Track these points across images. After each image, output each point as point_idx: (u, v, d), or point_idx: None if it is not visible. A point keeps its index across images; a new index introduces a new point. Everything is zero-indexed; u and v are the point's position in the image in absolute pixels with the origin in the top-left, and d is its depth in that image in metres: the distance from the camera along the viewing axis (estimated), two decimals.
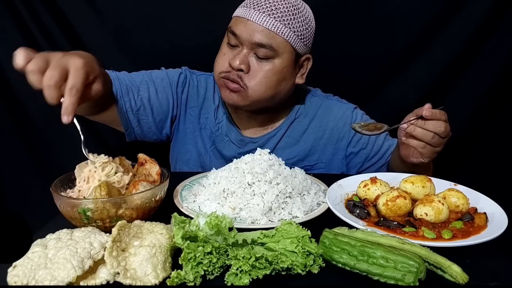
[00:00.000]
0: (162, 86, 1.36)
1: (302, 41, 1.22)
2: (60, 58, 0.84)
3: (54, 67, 0.82)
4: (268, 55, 1.19)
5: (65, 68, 0.83)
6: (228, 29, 1.24)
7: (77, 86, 0.83)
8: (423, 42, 1.76)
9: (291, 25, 1.18)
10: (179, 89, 1.39)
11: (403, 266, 0.67)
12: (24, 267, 0.67)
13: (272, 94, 1.24)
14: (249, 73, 1.20)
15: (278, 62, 1.20)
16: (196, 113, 1.42)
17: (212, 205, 0.95)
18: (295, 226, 0.79)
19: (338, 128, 1.39)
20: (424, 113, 1.03)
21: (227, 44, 1.25)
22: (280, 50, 1.19)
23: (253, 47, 1.19)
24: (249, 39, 1.17)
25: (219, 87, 1.29)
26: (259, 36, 1.17)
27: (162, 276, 0.69)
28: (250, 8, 1.18)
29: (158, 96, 1.34)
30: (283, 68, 1.22)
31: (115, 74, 1.28)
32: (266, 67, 1.20)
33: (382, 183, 1.01)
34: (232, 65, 1.19)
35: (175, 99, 1.38)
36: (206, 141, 1.42)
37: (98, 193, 0.83)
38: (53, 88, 0.81)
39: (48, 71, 0.81)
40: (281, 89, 1.26)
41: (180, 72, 1.41)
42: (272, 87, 1.22)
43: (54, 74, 0.81)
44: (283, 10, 1.17)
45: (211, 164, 1.37)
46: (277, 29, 1.16)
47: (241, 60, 1.18)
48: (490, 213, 0.91)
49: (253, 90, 1.21)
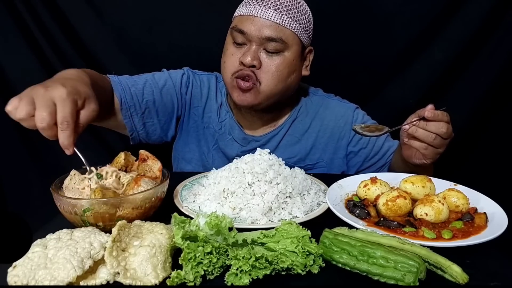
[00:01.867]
0: (166, 88, 1.36)
1: (307, 33, 1.26)
2: (43, 93, 0.81)
3: (41, 107, 0.79)
4: (278, 49, 1.21)
5: (51, 103, 0.80)
6: (233, 28, 1.25)
7: (66, 119, 0.81)
8: (423, 42, 1.76)
9: (296, 18, 1.21)
10: (183, 90, 1.40)
11: (403, 266, 0.67)
12: (24, 267, 0.67)
13: (283, 87, 1.27)
14: (261, 68, 1.22)
15: (288, 55, 1.23)
16: (199, 113, 1.42)
17: (212, 205, 0.95)
18: (295, 226, 0.79)
19: (339, 127, 1.40)
20: (426, 114, 1.03)
21: (232, 44, 1.25)
22: (290, 43, 1.22)
23: (262, 43, 1.21)
24: (259, 35, 1.19)
25: (231, 90, 1.28)
26: (268, 30, 1.19)
27: (162, 276, 0.69)
28: (255, 5, 1.20)
29: (163, 99, 1.35)
30: (292, 60, 1.25)
31: (117, 79, 1.28)
32: (277, 61, 1.22)
33: (382, 183, 1.01)
34: (244, 62, 1.21)
35: (179, 100, 1.39)
36: (209, 140, 1.42)
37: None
38: (47, 129, 0.80)
39: (37, 113, 0.79)
40: (291, 82, 1.28)
41: (182, 73, 1.41)
42: (283, 80, 1.25)
43: (43, 115, 0.79)
44: (287, 4, 1.20)
45: (214, 163, 1.38)
46: (284, 22, 1.19)
47: (253, 56, 1.20)
48: (490, 213, 0.92)
49: (266, 84, 1.23)
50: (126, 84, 1.28)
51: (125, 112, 1.27)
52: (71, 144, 0.82)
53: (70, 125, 0.81)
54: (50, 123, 0.80)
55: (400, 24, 1.74)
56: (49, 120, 0.80)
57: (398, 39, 1.77)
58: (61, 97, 0.81)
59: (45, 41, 1.70)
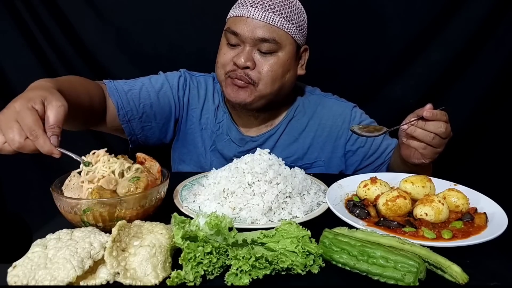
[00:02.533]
0: (162, 91, 1.36)
1: (301, 32, 1.27)
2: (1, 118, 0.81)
3: (7, 131, 0.80)
4: (271, 49, 1.21)
5: (13, 123, 0.80)
6: (226, 30, 1.25)
7: (31, 128, 0.79)
8: (423, 42, 1.76)
9: (289, 18, 1.21)
10: (180, 93, 1.40)
11: (403, 266, 0.67)
12: (24, 267, 0.67)
13: (279, 87, 1.27)
14: (255, 69, 1.23)
15: (282, 55, 1.23)
16: (197, 114, 1.42)
17: (212, 205, 0.95)
18: (295, 226, 0.79)
19: (336, 126, 1.40)
20: (425, 114, 1.03)
21: (226, 45, 1.26)
22: (283, 43, 1.22)
23: (256, 43, 1.21)
24: (252, 36, 1.20)
25: (224, 87, 1.29)
26: (261, 31, 1.19)
27: (162, 276, 0.69)
28: (248, 6, 1.20)
29: (160, 102, 1.35)
30: (287, 60, 1.25)
31: (113, 85, 1.28)
32: (271, 61, 1.23)
33: (382, 183, 1.01)
34: (238, 64, 1.21)
35: (177, 102, 1.39)
36: (206, 141, 1.42)
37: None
38: (24, 147, 0.80)
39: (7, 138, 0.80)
40: (286, 81, 1.29)
41: (179, 75, 1.41)
42: (278, 79, 1.25)
43: (11, 136, 0.79)
44: (279, 4, 1.20)
45: (212, 164, 1.38)
46: (277, 23, 1.19)
47: (246, 57, 1.21)
48: (490, 213, 0.91)
49: (261, 84, 1.24)
50: (122, 89, 1.28)
51: (123, 117, 1.28)
52: (53, 148, 0.81)
53: (40, 132, 0.80)
54: (22, 141, 0.80)
55: (400, 24, 1.74)
56: (19, 138, 0.80)
57: (398, 39, 1.77)
58: (16, 112, 0.80)
59: (45, 41, 1.71)
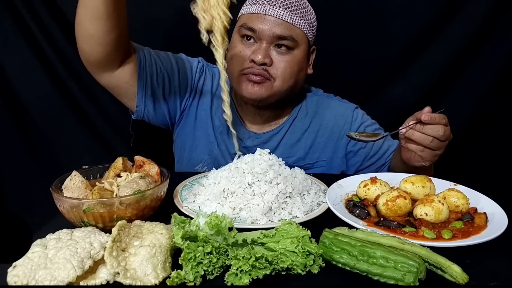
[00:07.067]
0: (184, 67, 1.38)
1: (313, 32, 1.30)
2: None
3: None
4: (289, 46, 1.24)
5: None
6: (242, 26, 1.26)
7: None
8: (423, 42, 1.76)
9: (304, 17, 1.25)
10: (196, 75, 1.41)
11: (403, 266, 0.67)
12: (24, 267, 0.67)
13: (293, 84, 1.30)
14: (272, 66, 1.24)
15: (297, 53, 1.26)
16: (208, 102, 1.43)
17: (212, 205, 0.95)
18: (295, 226, 0.79)
19: (338, 127, 1.40)
20: (423, 117, 1.03)
21: (240, 41, 1.27)
22: (299, 41, 1.25)
23: (273, 41, 1.23)
24: (270, 33, 1.22)
25: (238, 84, 1.29)
26: (279, 29, 1.22)
27: (162, 276, 0.69)
28: (266, 4, 1.23)
29: (180, 76, 1.36)
30: (301, 58, 1.28)
31: (140, 46, 1.29)
32: (287, 58, 1.25)
33: (382, 183, 1.01)
34: (255, 60, 1.22)
35: (192, 84, 1.40)
36: (216, 130, 1.42)
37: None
38: None
39: None
40: (299, 79, 1.32)
41: (198, 61, 1.43)
42: (293, 77, 1.28)
43: None
44: (295, 3, 1.24)
45: (220, 153, 1.38)
46: (294, 21, 1.23)
47: (264, 54, 1.22)
48: (490, 213, 0.92)
49: (278, 80, 1.25)
50: (148, 52, 1.30)
51: (141, 78, 1.26)
52: None
53: None
54: None
55: (400, 24, 1.74)
56: None
57: (398, 39, 1.77)
58: None
59: (45, 41, 1.70)
